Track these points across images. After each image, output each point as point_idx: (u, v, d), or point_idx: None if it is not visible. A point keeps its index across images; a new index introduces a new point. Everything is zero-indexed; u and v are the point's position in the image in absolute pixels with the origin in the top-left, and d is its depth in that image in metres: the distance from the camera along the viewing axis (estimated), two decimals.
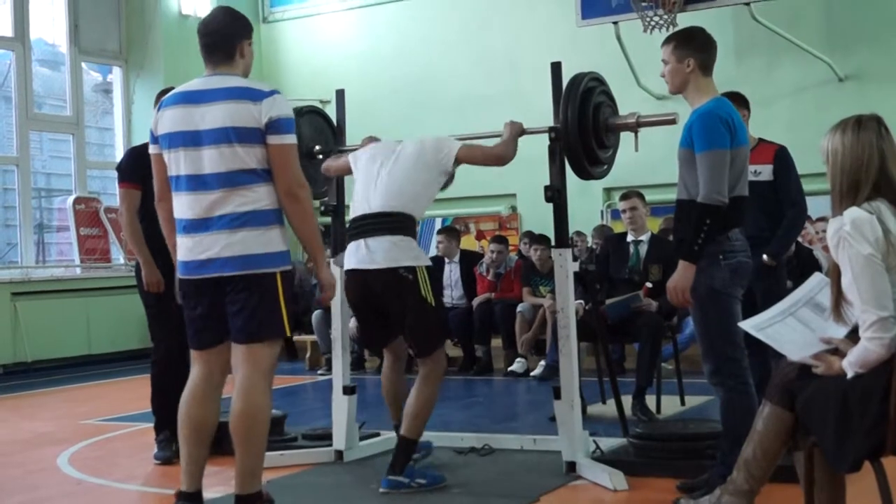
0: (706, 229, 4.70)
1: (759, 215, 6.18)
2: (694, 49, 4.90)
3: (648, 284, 7.70)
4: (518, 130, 5.64)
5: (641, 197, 8.23)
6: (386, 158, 5.54)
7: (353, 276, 5.44)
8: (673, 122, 5.53)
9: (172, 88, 6.76)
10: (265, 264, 4.41)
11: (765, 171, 6.21)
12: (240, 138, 4.38)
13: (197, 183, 4.43)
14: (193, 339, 4.59)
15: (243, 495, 4.44)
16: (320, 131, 6.44)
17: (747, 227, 6.11)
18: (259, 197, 4.42)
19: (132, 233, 6.39)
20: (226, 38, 4.61)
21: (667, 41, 5.02)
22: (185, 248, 4.49)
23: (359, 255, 5.35)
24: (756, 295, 5.44)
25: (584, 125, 5.52)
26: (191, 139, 4.44)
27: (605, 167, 5.84)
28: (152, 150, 4.65)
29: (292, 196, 4.48)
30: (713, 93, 4.92)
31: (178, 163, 4.48)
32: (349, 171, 5.77)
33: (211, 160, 4.39)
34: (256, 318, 4.41)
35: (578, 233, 11.06)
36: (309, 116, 6.40)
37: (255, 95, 4.42)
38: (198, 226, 4.43)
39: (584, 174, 5.69)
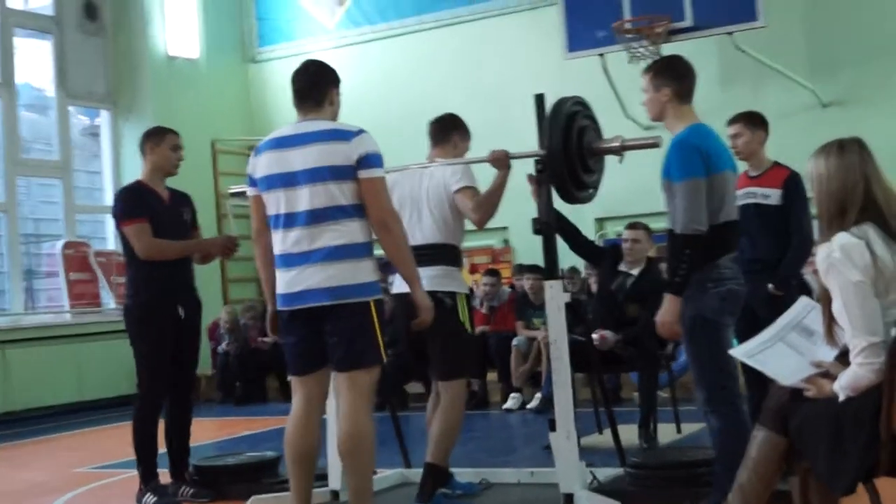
0: (687, 259, 4.70)
1: (767, 239, 6.20)
2: (670, 77, 4.93)
3: (595, 337, 7.55)
4: (503, 179, 5.67)
5: (648, 231, 8.12)
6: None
7: (401, 300, 5.57)
8: (656, 145, 5.49)
9: (161, 127, 6.88)
10: (358, 294, 4.68)
11: (774, 196, 6.21)
12: (333, 176, 4.67)
13: (294, 220, 4.72)
14: (293, 366, 4.88)
15: None
16: None
17: (756, 250, 6.15)
18: (350, 231, 4.70)
19: (162, 247, 6.38)
20: (316, 86, 4.93)
21: (646, 70, 5.07)
22: (284, 282, 4.78)
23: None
24: (762, 323, 5.41)
25: (569, 149, 5.49)
26: (287, 180, 4.73)
27: (592, 191, 5.82)
28: (250, 192, 4.97)
29: (384, 226, 4.79)
30: (691, 120, 4.90)
31: (276, 202, 4.78)
32: None
33: (306, 198, 4.68)
34: (355, 347, 4.69)
35: (573, 268, 10.95)
36: None
37: (345, 135, 4.72)
38: (296, 259, 4.72)
39: (570, 199, 5.68)
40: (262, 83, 15.16)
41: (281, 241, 4.78)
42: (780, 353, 3.94)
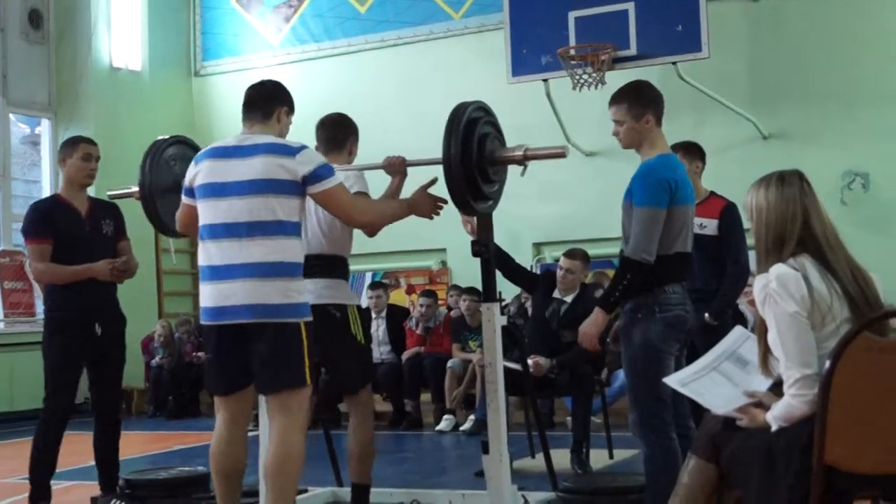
0: (626, 283, 4.74)
1: (704, 269, 6.23)
2: (651, 103, 4.91)
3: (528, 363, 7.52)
4: (398, 186, 5.44)
5: (586, 260, 8.09)
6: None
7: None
8: (562, 155, 5.23)
9: (76, 137, 6.71)
10: (287, 314, 4.54)
11: (710, 226, 6.27)
12: (274, 190, 4.55)
13: (227, 231, 4.57)
14: (216, 385, 4.78)
15: None
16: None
17: (693, 280, 6.18)
18: (284, 248, 4.56)
19: (53, 272, 6.21)
20: (267, 100, 4.85)
21: (618, 100, 4.94)
22: (209, 295, 4.62)
23: None
24: (699, 352, 5.44)
25: (468, 157, 5.08)
26: (226, 190, 4.60)
27: (491, 202, 5.41)
28: (185, 200, 4.84)
29: (363, 226, 4.96)
30: (663, 146, 4.93)
31: (212, 212, 4.63)
32: None
33: (241, 210, 4.55)
34: (281, 369, 4.56)
35: (518, 294, 10.84)
36: (179, 147, 6.00)
37: (288, 151, 4.62)
38: (222, 272, 4.57)
39: (466, 209, 5.28)
40: (206, 97, 15.10)
41: (210, 253, 4.62)
42: (713, 381, 3.97)
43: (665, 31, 10.83)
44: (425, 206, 5.21)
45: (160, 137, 5.94)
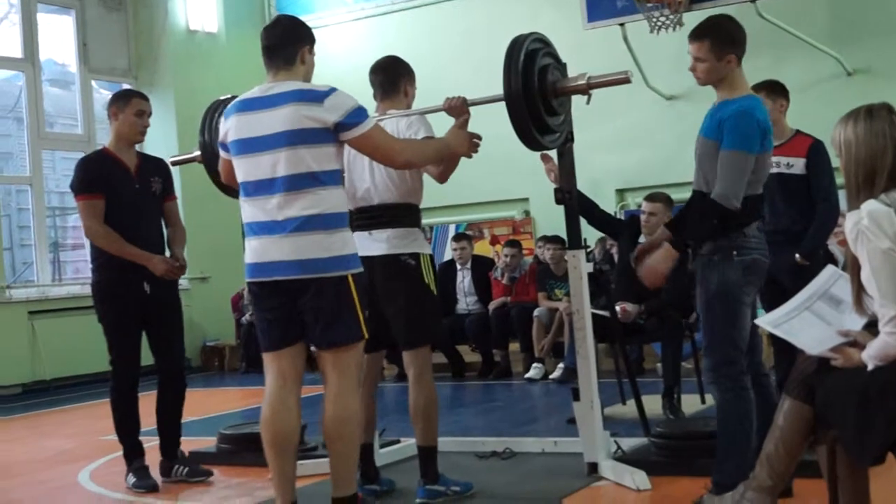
0: (710, 228, 4.59)
1: (791, 208, 6.15)
2: (732, 43, 4.70)
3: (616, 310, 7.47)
4: (463, 126, 5.13)
5: (668, 203, 7.91)
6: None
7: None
8: (627, 80, 5.15)
9: (128, 90, 6.58)
10: (333, 268, 4.41)
11: (797, 165, 6.15)
12: (304, 140, 4.40)
13: (264, 187, 4.46)
14: (264, 340, 4.60)
15: (339, 497, 4.48)
16: None
17: (779, 220, 6.08)
18: (323, 199, 4.42)
19: (109, 239, 6.03)
20: (288, 42, 4.61)
21: (699, 37, 4.73)
22: (252, 251, 4.52)
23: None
24: (789, 294, 5.34)
25: (530, 90, 5.01)
26: (255, 145, 4.47)
27: (558, 135, 5.36)
28: (223, 155, 4.74)
29: (403, 165, 4.88)
30: (746, 87, 4.74)
31: (246, 169, 4.53)
32: None
33: (275, 164, 4.41)
34: (334, 324, 4.44)
35: (602, 239, 10.68)
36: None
37: (316, 96, 4.43)
38: (265, 228, 4.46)
39: (533, 144, 5.20)
40: None
41: (250, 210, 4.51)
42: (806, 322, 3.93)
43: None
44: (461, 143, 5.07)
45: (219, 98, 5.95)
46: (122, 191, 6.10)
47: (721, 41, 4.69)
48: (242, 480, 6.20)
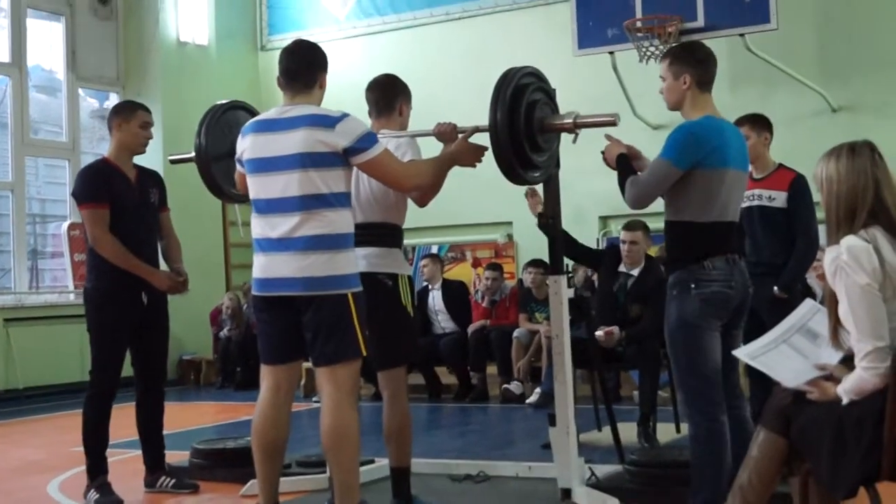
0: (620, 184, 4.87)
1: (772, 241, 6.19)
2: (690, 64, 4.70)
3: (599, 333, 7.56)
4: (448, 158, 5.13)
5: (646, 230, 8.00)
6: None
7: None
8: (613, 123, 5.19)
9: (131, 102, 6.66)
10: (335, 286, 4.55)
11: (779, 198, 6.19)
12: (314, 163, 4.53)
13: (274, 206, 4.61)
14: (264, 353, 4.78)
15: None
16: None
17: (760, 252, 6.13)
18: (330, 221, 4.56)
19: (115, 250, 6.00)
20: (308, 68, 4.77)
21: (664, 57, 4.86)
22: (260, 267, 4.68)
23: None
24: (768, 326, 5.33)
25: (515, 125, 4.96)
26: (269, 165, 4.62)
27: (541, 172, 5.33)
28: (239, 169, 4.89)
29: (412, 189, 4.97)
30: (708, 111, 4.71)
31: (258, 187, 4.67)
32: None
33: (287, 185, 4.55)
34: (333, 341, 4.57)
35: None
36: (237, 112, 6.13)
37: (327, 122, 4.57)
38: (272, 245, 4.61)
39: (516, 179, 5.14)
40: (272, 71, 14.86)
41: (261, 226, 4.66)
42: (784, 355, 3.95)
43: (733, 3, 10.66)
44: (468, 155, 5.10)
45: (217, 102, 6.02)
46: (124, 201, 6.12)
47: (679, 60, 4.75)
48: (214, 496, 6.18)
